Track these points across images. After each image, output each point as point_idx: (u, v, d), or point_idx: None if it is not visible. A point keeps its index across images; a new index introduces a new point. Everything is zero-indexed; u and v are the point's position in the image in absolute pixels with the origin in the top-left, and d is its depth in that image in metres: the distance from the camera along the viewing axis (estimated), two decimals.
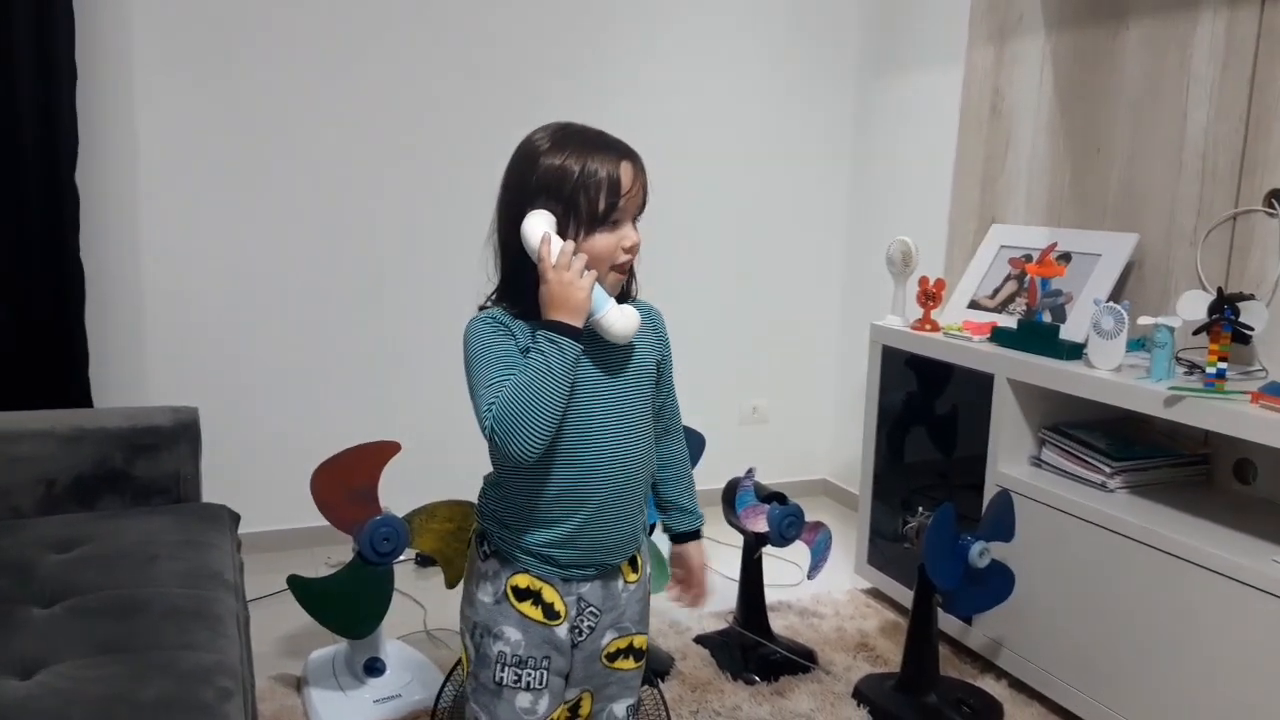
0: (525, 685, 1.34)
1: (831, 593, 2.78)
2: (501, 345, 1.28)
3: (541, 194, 1.28)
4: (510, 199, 1.32)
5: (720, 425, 3.29)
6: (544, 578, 1.34)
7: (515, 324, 1.31)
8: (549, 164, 1.28)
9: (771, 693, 2.24)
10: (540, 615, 1.34)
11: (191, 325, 2.80)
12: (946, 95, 3.02)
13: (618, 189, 1.29)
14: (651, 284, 3.69)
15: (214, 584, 1.66)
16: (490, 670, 1.35)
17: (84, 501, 1.97)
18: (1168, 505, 2.06)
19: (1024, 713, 2.17)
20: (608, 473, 1.33)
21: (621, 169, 1.29)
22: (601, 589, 1.38)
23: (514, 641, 1.34)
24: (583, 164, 1.28)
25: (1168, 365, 1.99)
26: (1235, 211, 2.18)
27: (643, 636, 1.45)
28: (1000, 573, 2.10)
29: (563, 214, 1.28)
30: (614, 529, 1.36)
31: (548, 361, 1.23)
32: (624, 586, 1.41)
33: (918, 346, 2.55)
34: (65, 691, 1.29)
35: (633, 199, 1.31)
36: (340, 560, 2.68)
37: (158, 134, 2.70)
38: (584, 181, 1.27)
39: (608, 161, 1.29)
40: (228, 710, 1.30)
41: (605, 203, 1.28)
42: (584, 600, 1.37)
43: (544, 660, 1.34)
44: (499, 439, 1.23)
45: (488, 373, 1.26)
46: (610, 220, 1.30)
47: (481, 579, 1.37)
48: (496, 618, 1.35)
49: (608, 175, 1.28)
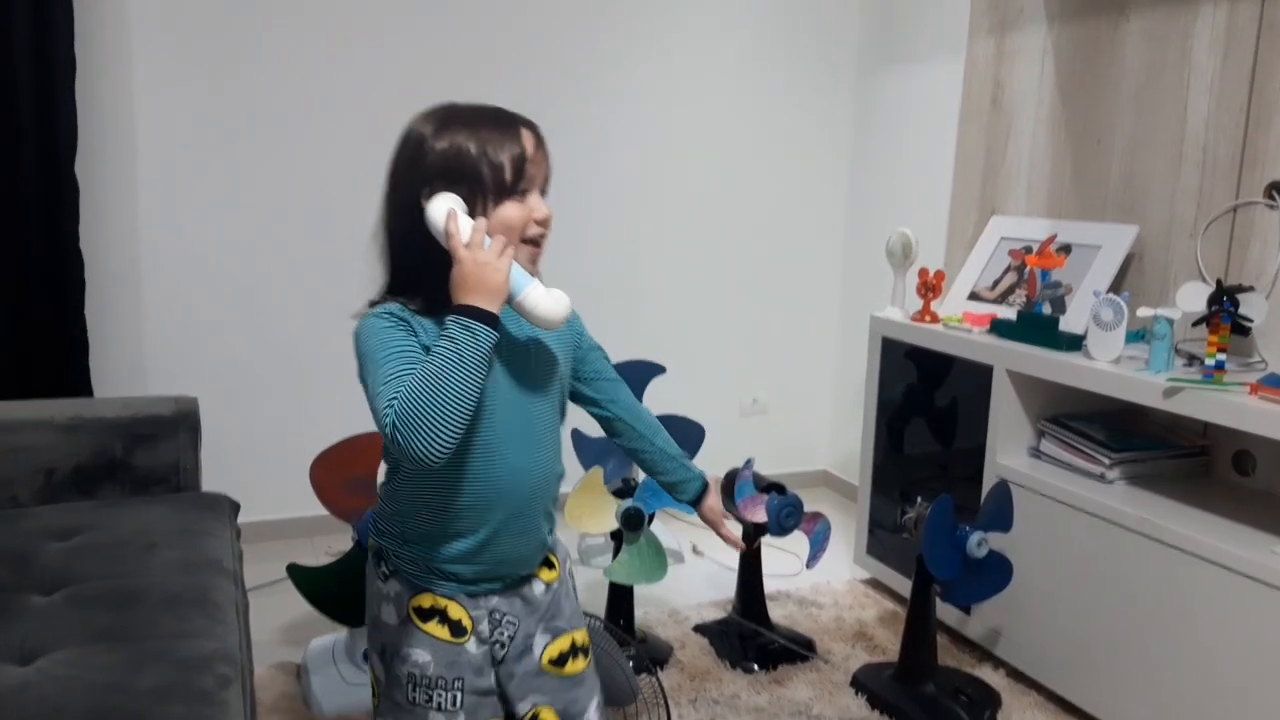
0: (437, 706, 1.26)
1: (830, 582, 2.78)
2: (400, 340, 1.17)
3: (439, 178, 1.19)
4: (401, 189, 1.23)
5: (720, 416, 3.30)
6: (448, 595, 1.26)
7: (416, 320, 1.20)
8: (441, 147, 1.20)
9: (770, 681, 2.24)
10: (447, 634, 1.26)
11: (191, 314, 2.80)
12: (947, 88, 3.01)
13: (522, 155, 1.21)
14: (652, 276, 3.71)
15: (213, 572, 1.66)
16: (402, 690, 1.27)
17: (83, 491, 1.97)
18: (1166, 496, 2.06)
19: (1021, 701, 2.18)
20: (512, 486, 1.25)
21: (523, 136, 1.22)
22: (515, 597, 1.31)
23: (422, 663, 1.26)
24: (479, 138, 1.20)
25: (1167, 357, 1.99)
26: (1235, 203, 2.17)
27: (582, 632, 1.39)
28: (998, 563, 2.11)
29: (467, 194, 1.19)
30: (520, 542, 1.28)
31: (458, 348, 1.10)
32: (543, 588, 1.34)
33: (917, 338, 2.55)
34: (64, 679, 1.29)
35: (539, 167, 1.23)
36: (340, 549, 2.69)
37: (157, 124, 2.69)
38: (484, 153, 1.19)
39: (507, 131, 1.21)
40: (226, 697, 1.30)
41: (511, 170, 1.20)
42: (497, 611, 1.30)
43: (455, 681, 1.26)
44: (400, 438, 1.09)
45: (386, 367, 1.13)
46: (518, 190, 1.21)
47: (383, 600, 1.29)
48: (403, 639, 1.27)
49: (509, 143, 1.20)
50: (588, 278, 3.17)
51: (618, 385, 1.46)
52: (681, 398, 2.75)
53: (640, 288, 3.28)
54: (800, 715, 2.11)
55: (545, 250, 1.27)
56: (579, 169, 3.11)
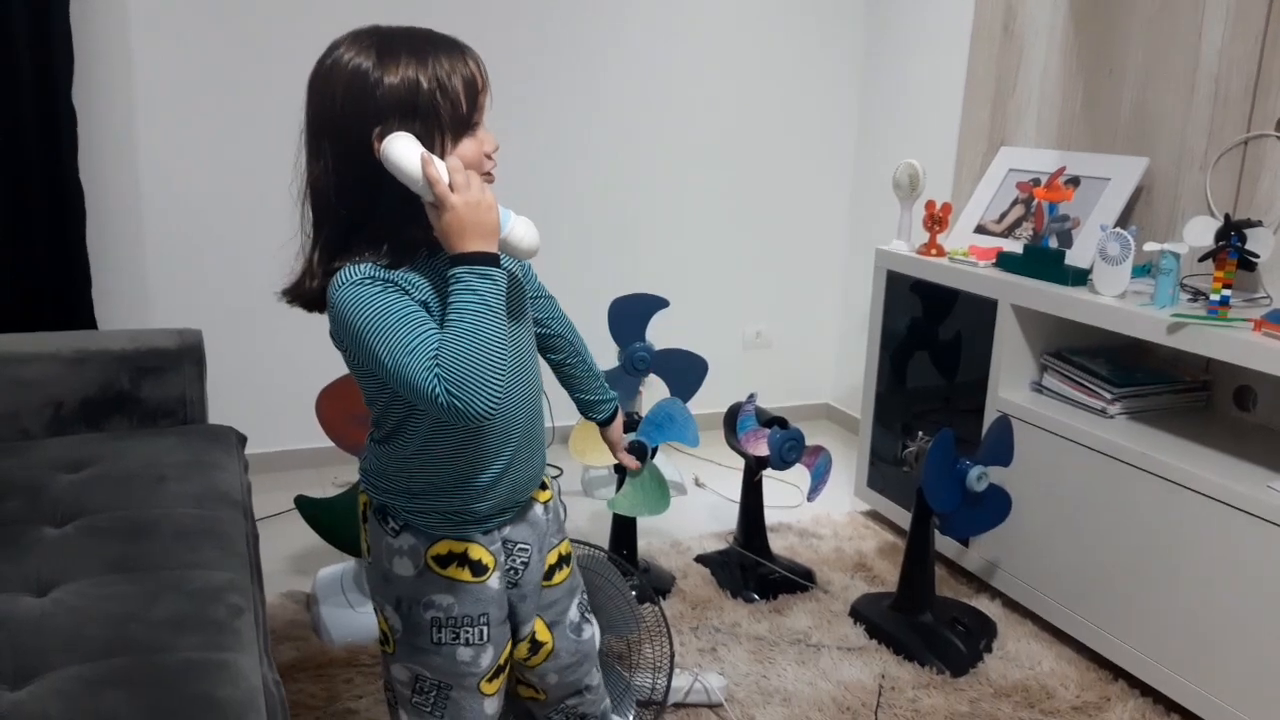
0: (465, 642, 1.27)
1: (831, 514, 2.82)
2: (397, 304, 1.09)
3: (391, 115, 1.09)
4: (348, 131, 1.11)
5: (723, 350, 3.30)
6: (465, 538, 1.26)
7: (396, 276, 1.11)
8: (390, 81, 1.09)
9: (770, 610, 2.29)
10: (469, 575, 1.26)
11: (193, 245, 2.79)
12: (958, 14, 2.95)
13: (475, 85, 1.14)
14: (654, 208, 3.67)
15: (223, 504, 1.69)
16: (425, 635, 1.27)
17: (92, 423, 1.99)
18: (1167, 431, 2.07)
19: (1017, 631, 2.22)
20: (521, 413, 1.25)
21: (470, 64, 1.14)
22: (524, 524, 1.33)
23: (446, 605, 1.26)
24: (431, 68, 1.11)
25: (1172, 292, 1.98)
26: (1246, 136, 2.14)
27: (566, 543, 1.44)
28: (997, 496, 2.13)
29: (423, 131, 1.10)
30: (531, 464, 1.30)
31: (483, 298, 1.07)
32: (541, 509, 1.37)
33: (923, 272, 2.54)
34: (80, 609, 1.32)
35: (486, 95, 1.16)
36: (347, 480, 2.72)
37: (154, 52, 2.65)
38: (438, 85, 1.11)
39: (455, 59, 1.13)
40: (239, 626, 1.33)
41: (467, 104, 1.13)
42: (509, 541, 1.32)
43: (481, 617, 1.27)
44: (459, 402, 1.05)
45: (399, 337, 1.07)
46: (473, 123, 1.15)
47: (395, 555, 1.26)
48: (422, 588, 1.26)
49: (462, 74, 1.12)
50: (588, 210, 3.14)
51: (552, 302, 1.46)
52: (684, 331, 2.75)
53: (643, 220, 3.26)
54: (799, 644, 2.15)
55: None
56: (580, 99, 3.06)
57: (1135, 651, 1.99)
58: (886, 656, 2.12)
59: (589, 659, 1.47)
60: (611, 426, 1.58)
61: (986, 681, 2.04)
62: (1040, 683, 2.03)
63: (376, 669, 1.97)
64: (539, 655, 1.41)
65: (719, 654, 2.10)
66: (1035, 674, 2.07)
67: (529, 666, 1.42)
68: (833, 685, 2.00)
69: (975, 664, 2.09)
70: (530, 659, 1.41)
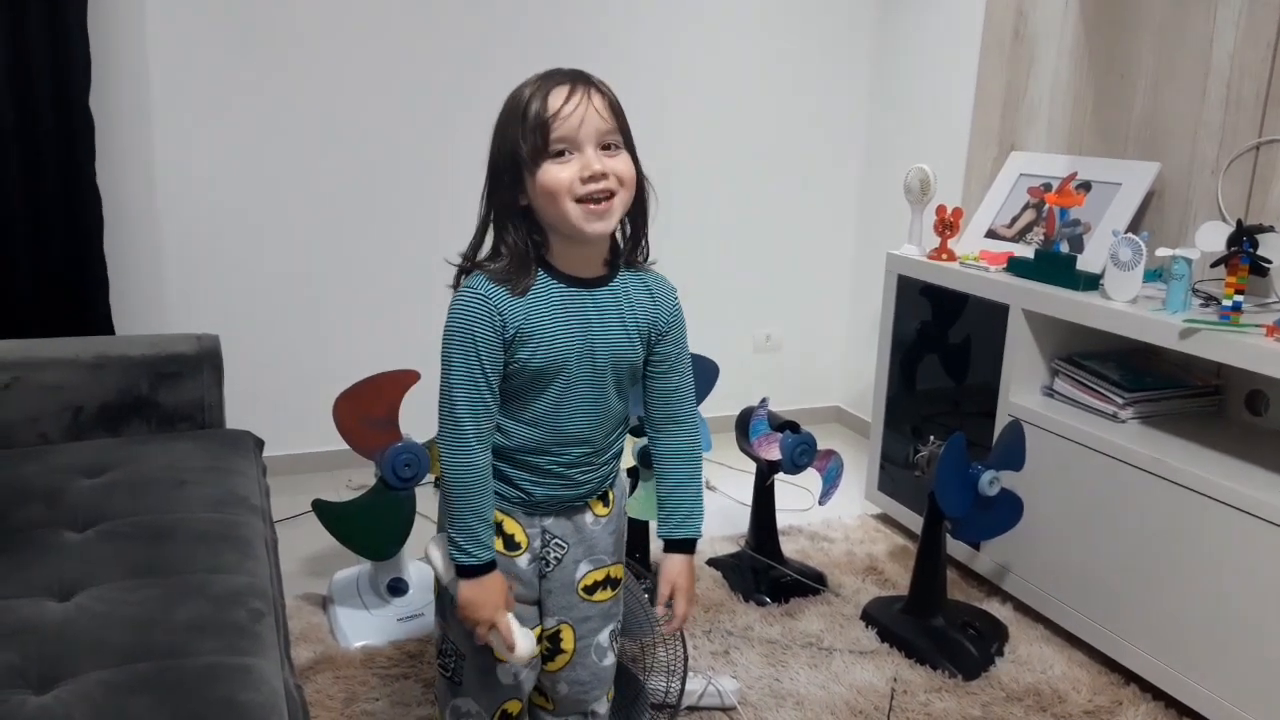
0: None
1: (842, 518, 2.83)
2: (478, 345, 1.24)
3: (500, 145, 1.24)
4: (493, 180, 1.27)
5: (733, 353, 3.32)
6: (505, 511, 1.34)
7: (499, 298, 1.24)
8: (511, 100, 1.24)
9: (782, 614, 2.30)
10: (502, 546, 1.33)
11: (209, 251, 2.81)
12: (968, 19, 2.95)
13: (543, 115, 1.18)
14: (666, 212, 3.65)
15: (242, 508, 1.70)
16: None
17: (111, 428, 2.01)
18: (1178, 436, 2.08)
19: (1028, 635, 2.23)
20: (569, 446, 1.32)
21: (552, 95, 1.19)
22: (567, 521, 1.38)
23: None
24: (527, 93, 1.21)
25: (1184, 297, 1.99)
26: (1258, 141, 2.15)
27: (619, 566, 1.46)
28: (1009, 500, 2.14)
29: (511, 163, 1.22)
30: (580, 482, 1.36)
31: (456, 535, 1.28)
32: (594, 520, 1.40)
33: (934, 276, 2.55)
34: (103, 614, 1.33)
35: (571, 122, 1.19)
36: (362, 483, 2.74)
37: (170, 60, 2.67)
38: (521, 129, 1.20)
39: (538, 94, 1.20)
40: (260, 630, 1.35)
41: (537, 137, 1.19)
42: (549, 532, 1.37)
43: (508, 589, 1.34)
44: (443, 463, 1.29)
45: (457, 389, 1.25)
46: (553, 152, 1.20)
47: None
48: None
49: (535, 108, 1.19)
50: None
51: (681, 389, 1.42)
52: (695, 334, 2.73)
53: (654, 224, 3.26)
54: (811, 647, 2.16)
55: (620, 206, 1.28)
56: None
57: (1147, 655, 1.99)
58: (898, 660, 2.12)
59: (603, 684, 1.49)
60: (673, 564, 1.41)
61: (998, 685, 2.04)
62: (1052, 686, 2.04)
63: (393, 670, 1.99)
64: (555, 661, 1.43)
65: (732, 657, 2.11)
66: (1047, 678, 2.07)
67: (545, 669, 1.44)
68: (845, 688, 2.01)
69: (987, 668, 2.09)
70: (546, 663, 1.43)
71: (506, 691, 1.40)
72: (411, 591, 2.20)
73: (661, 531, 1.43)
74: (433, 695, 1.90)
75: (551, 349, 1.27)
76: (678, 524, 1.41)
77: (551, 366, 1.27)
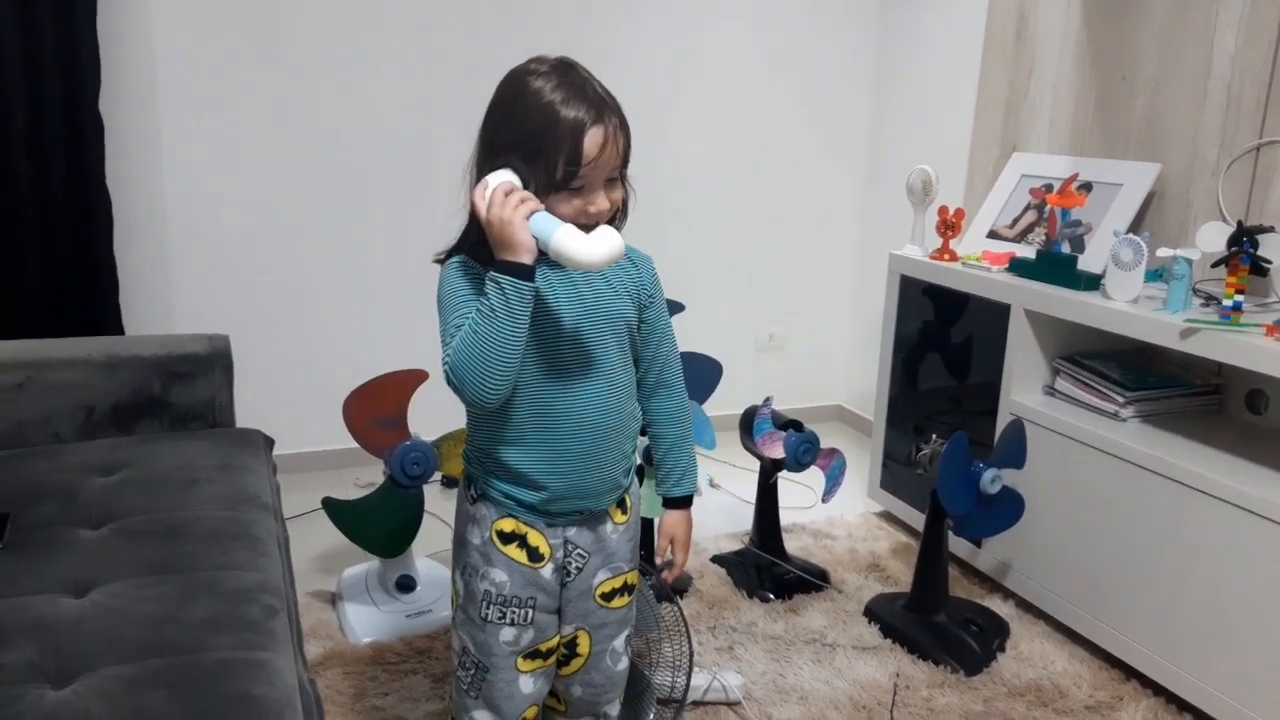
0: (510, 621, 1.36)
1: (844, 515, 2.85)
2: (465, 291, 1.26)
3: (513, 147, 1.24)
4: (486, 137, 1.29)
5: (737, 352, 3.34)
6: (528, 523, 1.35)
7: (483, 270, 1.26)
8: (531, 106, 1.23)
9: (786, 610, 2.32)
10: (525, 558, 1.35)
11: (218, 251, 2.84)
12: (971, 20, 2.97)
13: (578, 157, 1.21)
14: (670, 211, 3.68)
15: (253, 507, 1.72)
16: (477, 606, 1.37)
17: (123, 427, 2.03)
18: (1178, 434, 2.09)
19: (1030, 631, 2.25)
20: (582, 420, 1.31)
21: (589, 136, 1.21)
22: (589, 532, 1.39)
23: (500, 582, 1.35)
24: (556, 120, 1.21)
25: (1184, 297, 2.00)
26: (1259, 142, 2.16)
27: (635, 573, 1.47)
28: (1011, 498, 2.16)
29: (525, 170, 1.23)
30: (594, 476, 1.35)
31: (492, 303, 1.19)
32: (613, 528, 1.42)
33: (936, 276, 2.57)
34: (118, 610, 1.36)
35: (598, 168, 1.23)
36: (370, 481, 2.77)
37: (179, 63, 2.69)
38: (554, 142, 1.21)
39: (576, 124, 1.21)
40: (273, 627, 1.37)
41: (564, 170, 1.22)
42: (571, 543, 1.38)
43: (529, 600, 1.36)
44: (455, 385, 1.23)
45: (449, 317, 1.25)
46: (570, 188, 1.24)
47: (470, 522, 1.38)
48: (483, 560, 1.36)
49: (572, 141, 1.21)
50: None
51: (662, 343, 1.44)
52: (699, 334, 2.78)
53: (657, 224, 3.28)
54: (815, 643, 2.19)
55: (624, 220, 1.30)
56: None
57: (1148, 651, 2.01)
58: (901, 656, 2.14)
59: (616, 689, 1.51)
60: (673, 520, 1.50)
61: (1000, 681, 2.06)
62: (1053, 682, 2.06)
63: (401, 666, 2.01)
64: (570, 665, 1.45)
65: (736, 653, 2.13)
66: (1048, 673, 2.09)
67: (559, 674, 1.46)
68: (848, 684, 2.03)
69: (989, 663, 2.11)
70: (561, 668, 1.45)
71: (526, 700, 1.41)
72: (420, 588, 2.23)
73: (660, 489, 1.50)
74: (441, 691, 1.93)
75: (544, 317, 1.28)
76: (675, 482, 1.50)
77: (546, 333, 1.28)
